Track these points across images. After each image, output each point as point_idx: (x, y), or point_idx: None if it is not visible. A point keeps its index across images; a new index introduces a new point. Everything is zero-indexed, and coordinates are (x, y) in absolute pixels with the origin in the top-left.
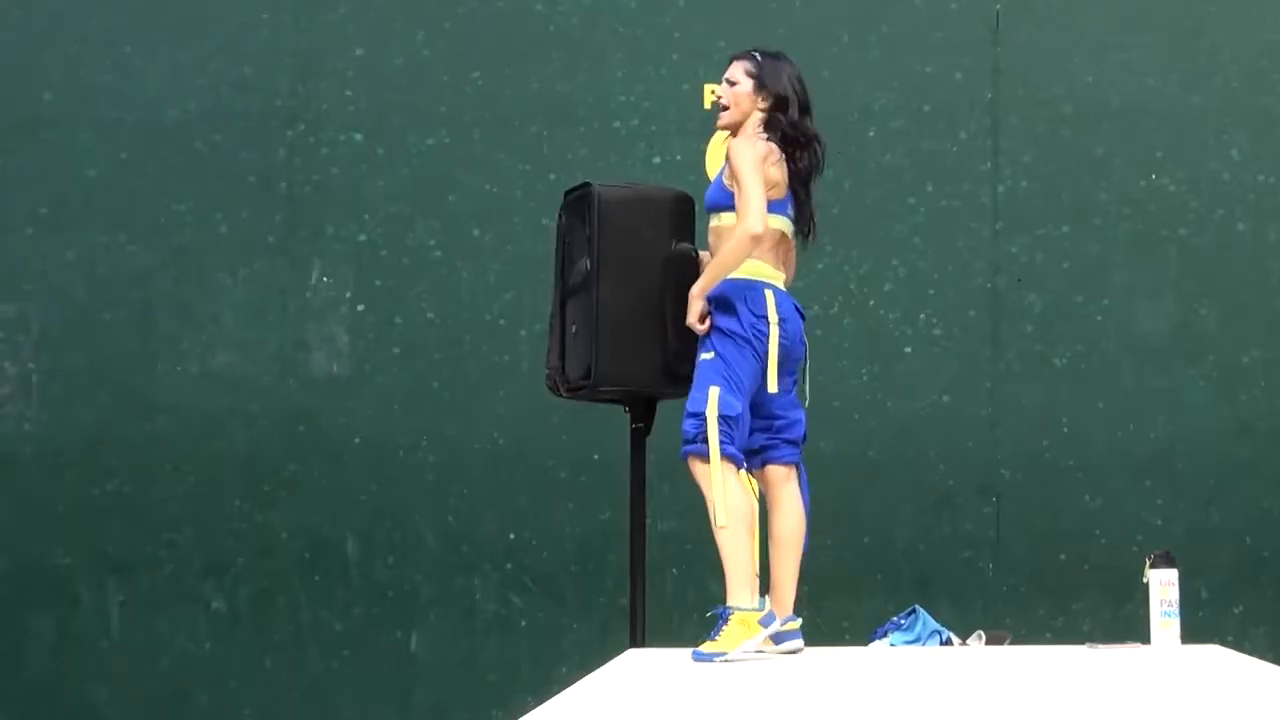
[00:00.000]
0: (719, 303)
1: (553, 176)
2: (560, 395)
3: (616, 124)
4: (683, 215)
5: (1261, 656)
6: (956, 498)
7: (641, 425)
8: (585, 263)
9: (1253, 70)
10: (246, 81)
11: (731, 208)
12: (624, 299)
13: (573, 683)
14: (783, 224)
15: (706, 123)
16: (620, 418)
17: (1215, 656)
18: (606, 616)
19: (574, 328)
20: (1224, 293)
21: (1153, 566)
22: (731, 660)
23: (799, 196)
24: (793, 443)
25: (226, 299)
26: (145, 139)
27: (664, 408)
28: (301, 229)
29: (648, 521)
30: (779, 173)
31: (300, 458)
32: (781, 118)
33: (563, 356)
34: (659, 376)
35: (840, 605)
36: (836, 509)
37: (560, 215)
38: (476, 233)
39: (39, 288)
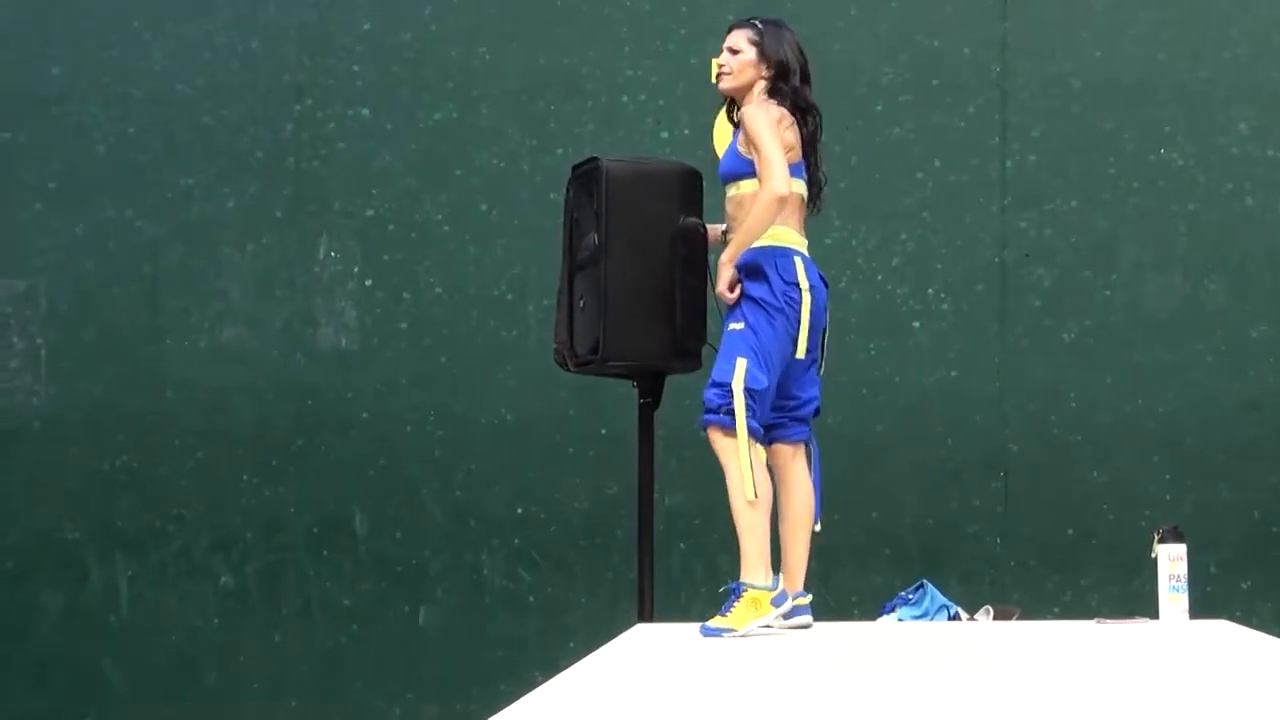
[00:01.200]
0: (748, 270)
1: (560, 151)
2: (568, 370)
3: (624, 98)
4: (691, 190)
5: (1269, 631)
6: (964, 473)
7: (649, 400)
8: (593, 237)
9: (1262, 45)
10: (254, 56)
11: (749, 175)
12: (632, 274)
13: (581, 658)
14: (801, 187)
15: (714, 97)
16: (628, 392)
17: (1223, 631)
18: (614, 591)
19: (582, 302)
20: (1232, 267)
21: (1161, 541)
22: (740, 637)
23: (809, 162)
24: (803, 420)
25: (234, 274)
26: (153, 114)
27: (672, 382)
28: (309, 204)
29: (655, 496)
30: (794, 136)
31: (308, 432)
32: (784, 85)
33: (571, 331)
34: (667, 351)
35: (849, 580)
36: (844, 484)
37: (568, 190)
38: (484, 207)
39: (47, 263)
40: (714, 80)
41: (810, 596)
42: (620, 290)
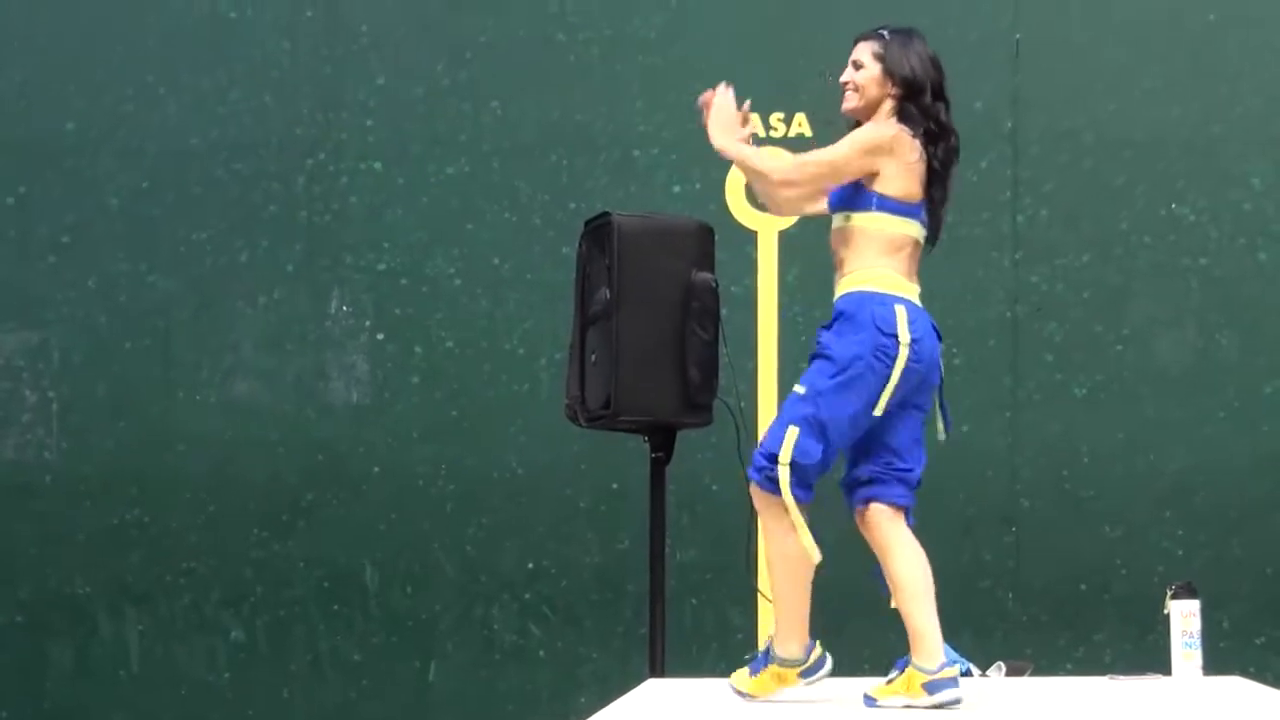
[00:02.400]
0: (838, 318)
1: (573, 205)
2: (580, 424)
3: (636, 153)
4: (703, 245)
5: None
6: (976, 527)
7: (661, 455)
8: (605, 292)
9: (1274, 99)
10: (267, 110)
11: (862, 207)
12: (644, 328)
13: (592, 713)
14: (915, 229)
15: None
16: (640, 447)
17: (1237, 688)
18: (626, 646)
19: (594, 357)
20: (1245, 322)
21: (1174, 597)
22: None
23: (932, 199)
24: (906, 483)
25: (246, 328)
26: (167, 167)
27: (683, 437)
28: (321, 258)
29: (667, 551)
30: (910, 173)
31: (319, 487)
32: (914, 106)
33: (582, 386)
34: (679, 406)
35: (860, 635)
36: (856, 538)
37: (580, 244)
38: (496, 261)
39: (60, 316)
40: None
41: (968, 671)
42: (632, 345)
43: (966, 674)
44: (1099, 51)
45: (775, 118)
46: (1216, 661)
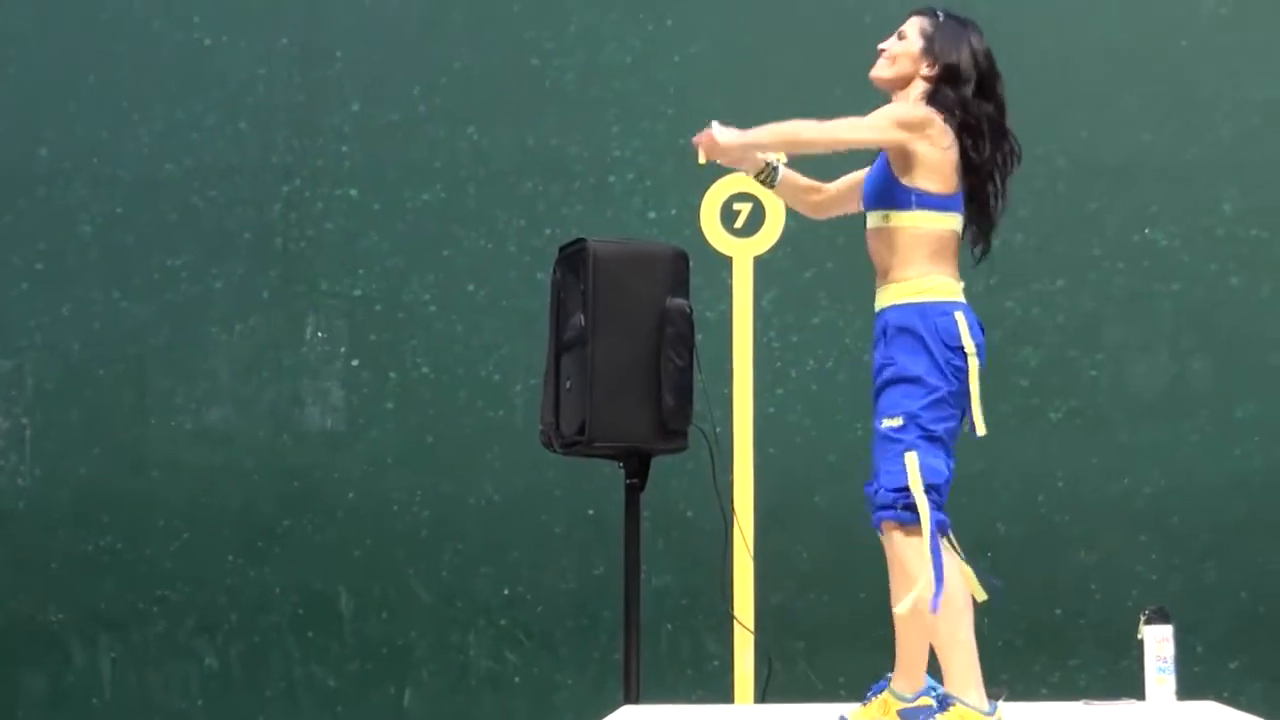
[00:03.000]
0: (901, 333)
1: (548, 231)
2: (555, 451)
3: (612, 179)
4: (678, 271)
5: (1257, 712)
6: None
7: (636, 481)
8: (580, 318)
9: (1246, 126)
10: (242, 137)
11: (899, 205)
12: (619, 355)
13: None
14: (955, 222)
15: (702, 177)
16: (615, 473)
17: (1211, 713)
18: (601, 672)
19: (569, 383)
20: (1218, 347)
21: (1147, 623)
22: None
23: (980, 194)
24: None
25: (221, 354)
26: (141, 194)
27: (659, 463)
28: (296, 284)
29: (642, 577)
30: (944, 159)
31: (294, 513)
32: (950, 93)
33: (557, 412)
34: (654, 432)
35: (836, 660)
36: (835, 563)
37: (555, 270)
38: (471, 288)
39: (33, 343)
40: (702, 163)
41: (933, 699)
42: (606, 371)
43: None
44: (1072, 77)
45: None
46: (1191, 686)
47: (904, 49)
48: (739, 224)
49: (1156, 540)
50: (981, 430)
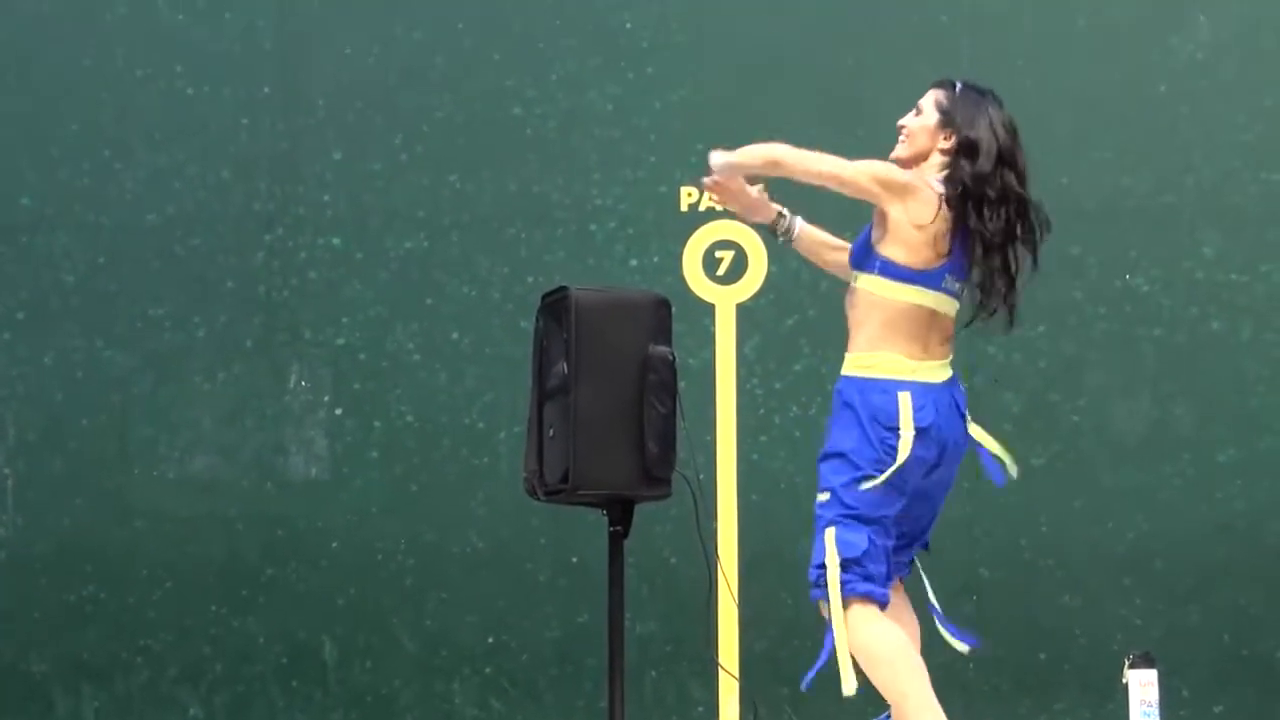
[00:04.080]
0: (841, 408)
1: (531, 279)
2: (539, 499)
3: (594, 227)
4: (660, 318)
5: None
6: (936, 596)
7: (619, 528)
8: (563, 366)
9: (1224, 170)
10: (225, 185)
11: (865, 268)
12: (601, 402)
13: None
14: (927, 299)
15: (684, 225)
16: (599, 520)
17: None
18: (586, 719)
19: (551, 431)
20: (1199, 391)
21: (1132, 667)
22: None
23: (986, 264)
24: (908, 552)
25: (204, 403)
26: (123, 243)
27: (642, 510)
28: (279, 333)
29: (626, 624)
30: (918, 234)
31: (278, 562)
32: (966, 166)
33: (541, 460)
34: (637, 479)
35: (822, 707)
36: (816, 610)
37: (538, 318)
38: (455, 335)
39: (15, 393)
40: (684, 210)
41: None
42: (589, 419)
43: None
44: (1052, 123)
45: None
46: None
47: (920, 124)
48: (721, 271)
49: (1140, 584)
50: (1012, 470)
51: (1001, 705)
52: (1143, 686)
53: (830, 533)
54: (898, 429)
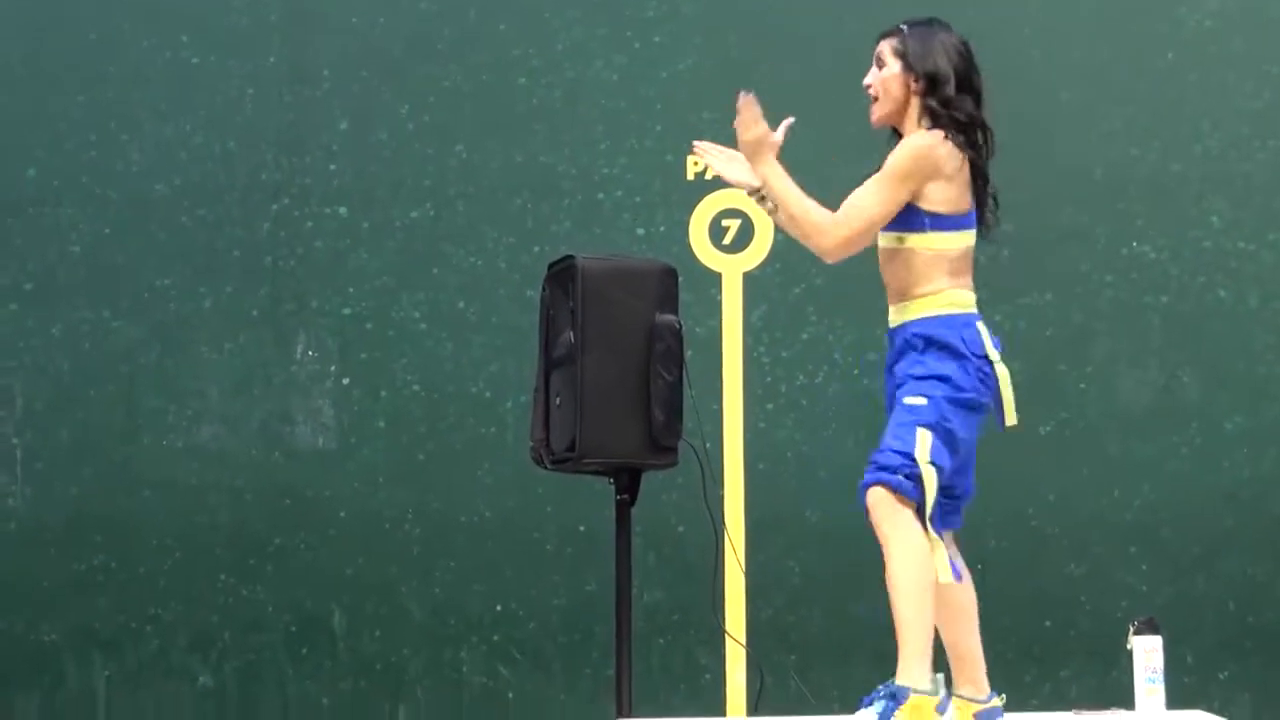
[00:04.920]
0: (929, 345)
1: (537, 249)
2: (545, 467)
3: (600, 196)
4: (666, 287)
5: None
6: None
7: (626, 497)
8: (569, 335)
9: (1232, 138)
10: (231, 156)
11: (913, 228)
12: (608, 371)
13: None
14: (970, 238)
15: (690, 194)
16: (606, 489)
17: None
18: (593, 687)
19: (558, 400)
20: (1206, 360)
21: (1136, 634)
22: None
23: (979, 192)
24: (959, 505)
25: (211, 373)
26: (130, 214)
27: (649, 479)
28: (286, 303)
29: (633, 592)
30: (954, 183)
31: (286, 531)
32: (934, 102)
33: (547, 428)
34: (643, 448)
35: (828, 673)
36: (825, 577)
37: (544, 287)
38: (461, 305)
39: (23, 363)
40: (690, 178)
41: (1004, 698)
42: (596, 387)
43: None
44: (1060, 94)
45: None
46: (1180, 697)
47: (888, 74)
48: (728, 240)
49: (1146, 552)
50: (1012, 419)
51: (1008, 672)
52: (1147, 653)
53: (925, 433)
54: (987, 356)
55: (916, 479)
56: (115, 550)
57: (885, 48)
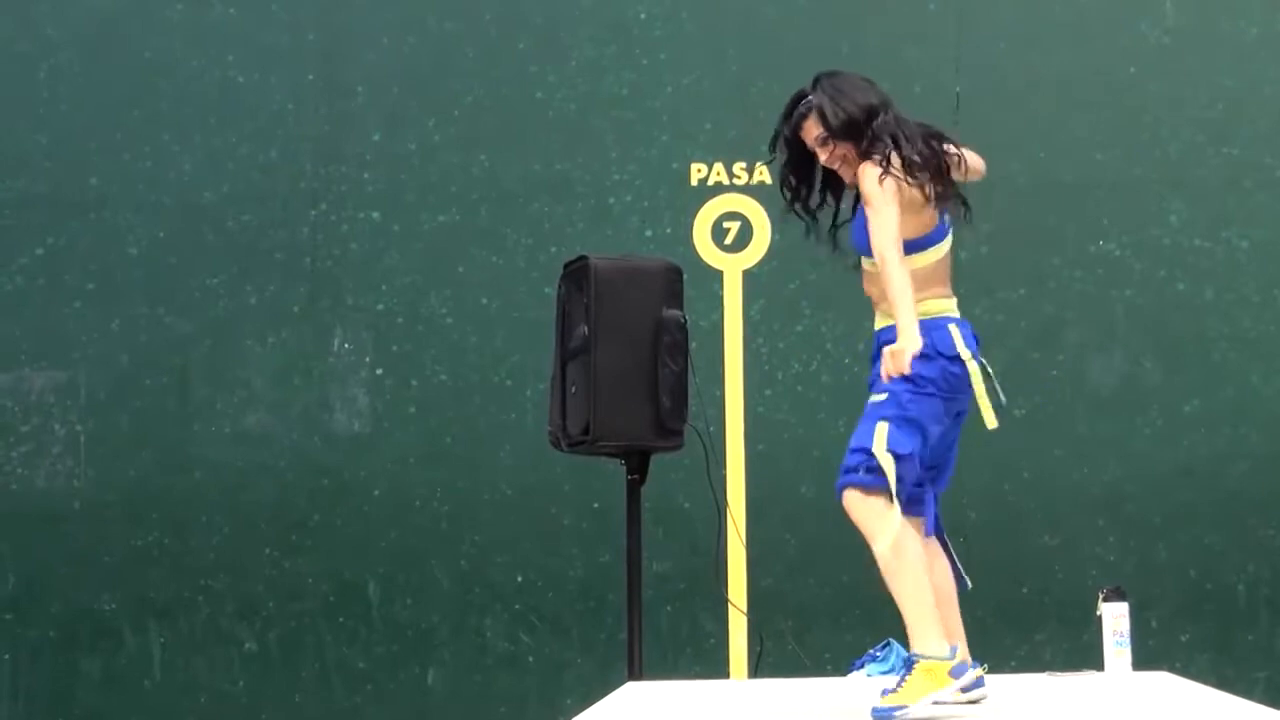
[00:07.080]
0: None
1: (553, 249)
2: (562, 450)
3: (611, 200)
4: (672, 284)
5: (1206, 681)
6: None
7: (636, 476)
8: (583, 328)
9: (1189, 144)
10: (273, 165)
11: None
12: (619, 361)
13: (577, 713)
14: (941, 250)
15: (694, 198)
16: (618, 469)
17: (1164, 682)
18: (608, 652)
19: (574, 388)
20: (1166, 348)
21: (1105, 600)
22: (915, 715)
23: (943, 192)
24: (939, 478)
25: (256, 364)
26: (182, 219)
27: (657, 460)
28: (324, 300)
29: (643, 564)
30: (913, 208)
31: (325, 509)
32: (869, 133)
33: (564, 414)
34: (652, 431)
35: (822, 638)
36: (819, 549)
37: (560, 285)
38: (484, 301)
39: (86, 356)
40: (694, 184)
41: (985, 668)
42: (608, 376)
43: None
44: (1032, 103)
45: (738, 167)
46: (1145, 658)
47: (834, 154)
48: (729, 240)
49: (1113, 524)
50: (991, 423)
51: (986, 636)
52: (1115, 618)
53: (883, 425)
54: (958, 357)
55: (876, 469)
56: (169, 527)
57: (809, 128)
